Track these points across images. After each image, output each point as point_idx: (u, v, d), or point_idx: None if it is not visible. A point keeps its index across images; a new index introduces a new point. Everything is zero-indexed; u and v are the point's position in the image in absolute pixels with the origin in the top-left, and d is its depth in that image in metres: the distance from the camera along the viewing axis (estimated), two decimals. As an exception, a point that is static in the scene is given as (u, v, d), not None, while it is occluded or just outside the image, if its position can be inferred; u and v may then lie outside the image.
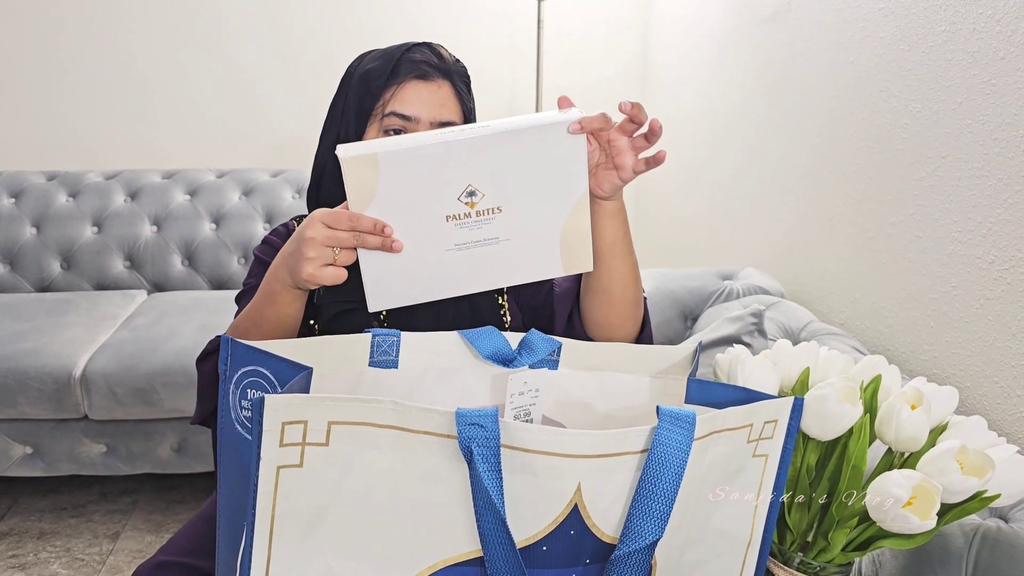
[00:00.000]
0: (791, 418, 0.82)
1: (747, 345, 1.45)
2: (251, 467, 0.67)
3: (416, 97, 1.11)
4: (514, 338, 1.00)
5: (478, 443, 0.69)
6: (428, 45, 1.16)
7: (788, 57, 1.95)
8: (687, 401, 0.92)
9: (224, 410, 0.80)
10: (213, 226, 2.71)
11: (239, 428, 0.79)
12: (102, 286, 2.67)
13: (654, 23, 2.93)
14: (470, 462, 0.69)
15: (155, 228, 2.70)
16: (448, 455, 0.70)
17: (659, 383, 1.00)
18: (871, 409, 0.96)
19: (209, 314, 2.37)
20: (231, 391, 0.79)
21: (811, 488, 0.97)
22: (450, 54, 1.18)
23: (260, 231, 2.70)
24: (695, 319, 1.79)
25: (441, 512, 0.72)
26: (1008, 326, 1.26)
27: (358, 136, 1.12)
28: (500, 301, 1.18)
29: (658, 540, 0.72)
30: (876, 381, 0.98)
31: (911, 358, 1.48)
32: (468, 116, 1.17)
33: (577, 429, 0.72)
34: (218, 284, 2.70)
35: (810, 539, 0.98)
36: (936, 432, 0.94)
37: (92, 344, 2.21)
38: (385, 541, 0.72)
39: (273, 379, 0.78)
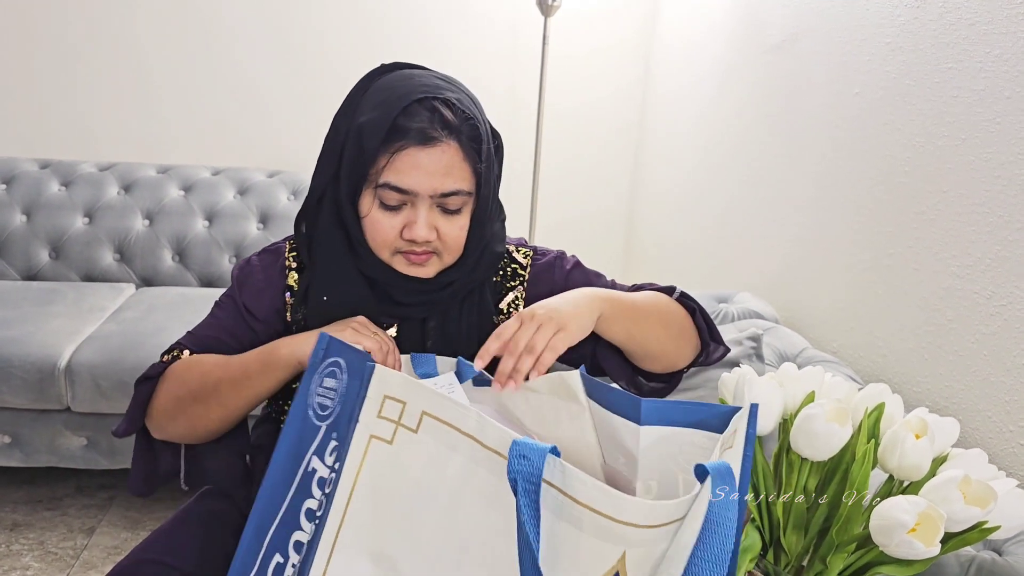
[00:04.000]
0: (749, 425, 0.80)
1: (748, 368, 1.46)
2: (347, 430, 0.74)
3: (414, 166, 0.99)
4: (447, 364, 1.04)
5: (523, 476, 0.68)
6: (432, 100, 1.01)
7: (791, 87, 1.97)
8: (644, 422, 0.87)
9: (302, 396, 0.84)
10: (206, 223, 2.70)
11: (310, 413, 0.83)
12: (90, 278, 2.65)
13: (657, 47, 2.96)
14: (515, 493, 0.68)
15: (147, 222, 2.68)
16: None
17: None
18: (874, 436, 0.97)
19: (197, 311, 2.33)
20: (314, 379, 0.84)
21: (808, 512, 0.98)
22: (459, 108, 1.02)
23: (253, 230, 2.68)
24: (690, 340, 1.80)
25: (493, 533, 0.73)
26: (1004, 361, 1.28)
27: (351, 199, 1.04)
28: None
29: None
30: (879, 408, 0.99)
31: (905, 389, 1.50)
32: (480, 179, 1.05)
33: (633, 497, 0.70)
34: (208, 281, 2.69)
35: (806, 563, 0.98)
36: (937, 462, 0.95)
37: (78, 335, 2.19)
38: (439, 540, 0.74)
39: (346, 368, 0.83)
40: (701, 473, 0.69)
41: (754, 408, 0.79)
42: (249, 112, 2.96)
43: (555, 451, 0.70)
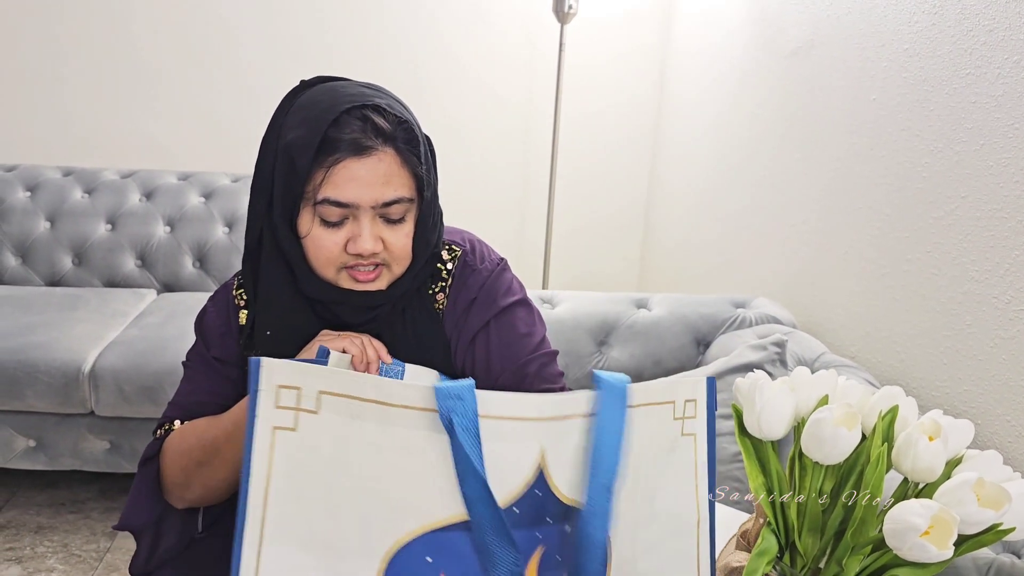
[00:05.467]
0: (708, 397, 0.87)
1: (769, 374, 1.47)
2: (249, 430, 0.73)
3: (351, 178, 0.96)
4: None
5: (457, 413, 0.75)
6: (361, 108, 0.97)
7: (808, 92, 1.97)
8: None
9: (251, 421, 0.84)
10: (226, 230, 2.73)
11: None
12: (112, 284, 2.68)
13: (673, 53, 2.97)
14: (451, 432, 0.75)
15: (168, 229, 2.71)
16: (427, 427, 0.76)
17: None
18: (888, 439, 0.97)
19: (219, 317, 2.38)
20: None
21: (824, 515, 0.98)
22: (391, 112, 0.98)
23: (273, 237, 2.71)
24: (707, 345, 1.80)
25: (420, 481, 0.77)
26: (1022, 365, 1.28)
27: (287, 220, 1.00)
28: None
29: (612, 487, 0.79)
30: (893, 411, 0.99)
31: (923, 393, 1.49)
32: (420, 183, 1.01)
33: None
34: (228, 288, 2.71)
35: (822, 565, 0.98)
36: (952, 464, 0.95)
37: (102, 340, 2.22)
38: (366, 507, 0.76)
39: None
40: (597, 380, 0.82)
41: (711, 381, 0.88)
42: (267, 120, 2.98)
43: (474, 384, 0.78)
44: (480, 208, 3.11)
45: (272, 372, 0.73)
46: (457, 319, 1.11)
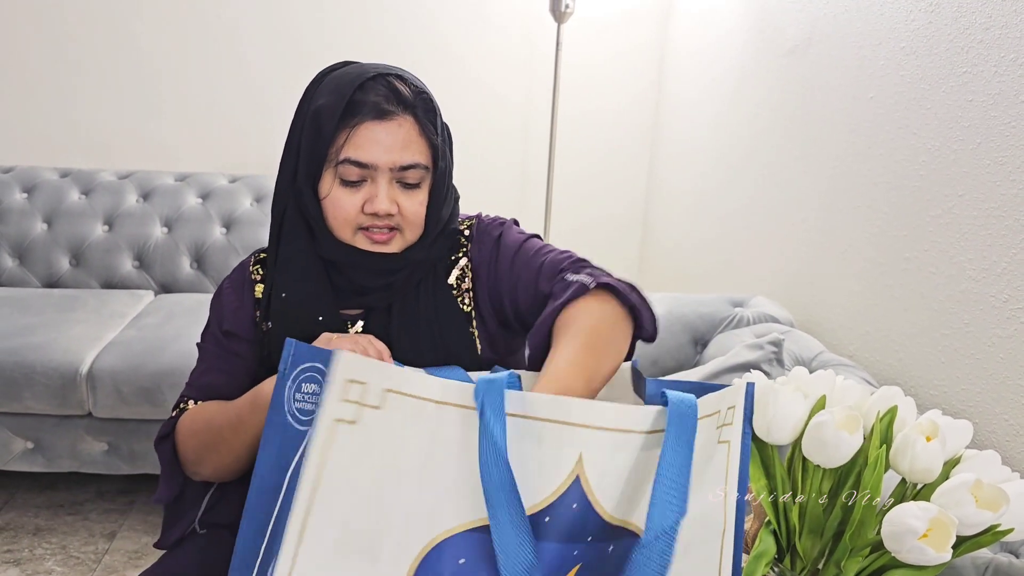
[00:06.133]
0: (745, 403, 0.83)
1: (766, 373, 1.46)
2: (313, 421, 0.75)
3: (372, 140, 1.03)
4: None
5: (487, 393, 0.76)
6: (385, 76, 1.05)
7: (806, 91, 1.97)
8: (648, 402, 0.89)
9: (277, 405, 0.85)
10: (223, 230, 2.72)
11: (289, 420, 0.84)
12: (110, 285, 2.68)
13: (671, 52, 2.96)
14: (481, 414, 0.75)
15: (166, 229, 2.71)
16: (475, 427, 0.76)
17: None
18: (887, 440, 0.97)
19: (217, 317, 2.38)
20: (288, 386, 0.86)
21: (824, 515, 0.98)
22: (412, 83, 1.08)
23: (271, 238, 2.71)
24: (705, 344, 1.80)
25: (460, 481, 0.76)
26: (1020, 364, 1.27)
27: (310, 183, 1.06)
28: (471, 329, 1.15)
29: (680, 521, 0.76)
30: (892, 412, 0.99)
31: (921, 392, 1.49)
32: (436, 153, 1.08)
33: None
34: (226, 288, 2.71)
35: (821, 566, 0.98)
36: (950, 465, 0.95)
37: (100, 342, 2.22)
38: (410, 504, 0.76)
39: (326, 370, 0.84)
40: (663, 397, 0.78)
41: (751, 386, 0.82)
42: (265, 120, 2.98)
43: (515, 384, 0.78)
44: (478, 207, 3.09)
45: (346, 364, 0.75)
46: (488, 258, 1.15)
